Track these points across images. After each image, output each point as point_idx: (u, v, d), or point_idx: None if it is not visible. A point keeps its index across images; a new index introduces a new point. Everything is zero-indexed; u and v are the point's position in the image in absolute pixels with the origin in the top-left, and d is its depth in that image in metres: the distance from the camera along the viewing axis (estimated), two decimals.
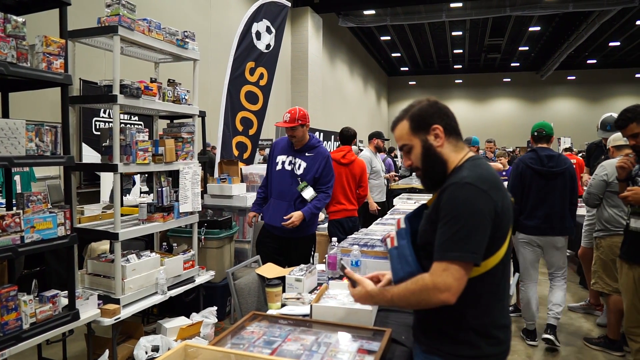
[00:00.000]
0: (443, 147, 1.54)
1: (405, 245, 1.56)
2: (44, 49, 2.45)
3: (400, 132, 1.61)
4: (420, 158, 1.57)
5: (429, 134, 1.55)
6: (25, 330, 2.42)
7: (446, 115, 1.56)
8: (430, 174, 1.58)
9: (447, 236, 1.39)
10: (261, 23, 5.58)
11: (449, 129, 1.56)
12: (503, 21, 18.23)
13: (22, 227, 2.35)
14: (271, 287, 2.34)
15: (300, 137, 3.50)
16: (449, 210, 1.40)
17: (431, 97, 1.61)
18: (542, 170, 3.71)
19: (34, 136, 2.41)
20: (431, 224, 1.48)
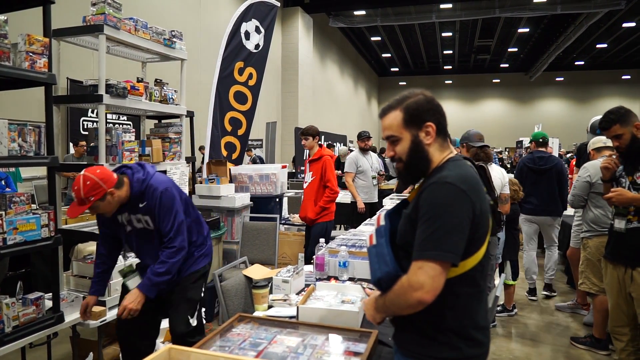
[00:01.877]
0: (431, 145, 1.51)
1: (384, 244, 1.51)
2: (27, 48, 2.41)
3: (391, 122, 1.55)
4: (407, 153, 1.53)
5: (421, 129, 1.50)
6: (8, 334, 2.38)
7: (440, 114, 1.53)
8: (412, 170, 1.55)
9: (425, 235, 1.37)
10: (250, 23, 5.56)
11: (440, 127, 1.53)
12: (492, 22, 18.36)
13: (5, 228, 2.31)
14: (258, 288, 2.33)
15: (110, 209, 2.38)
16: (427, 209, 1.39)
17: (427, 92, 1.55)
18: (534, 167, 4.89)
19: (16, 136, 2.37)
20: (411, 223, 1.45)
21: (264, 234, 4.40)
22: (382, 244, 1.52)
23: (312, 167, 4.59)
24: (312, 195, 4.53)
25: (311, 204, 4.51)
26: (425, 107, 1.51)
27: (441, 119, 1.53)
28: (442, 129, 1.53)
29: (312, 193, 4.54)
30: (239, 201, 4.86)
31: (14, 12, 2.70)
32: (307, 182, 4.63)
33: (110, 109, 3.38)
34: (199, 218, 2.69)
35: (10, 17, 2.53)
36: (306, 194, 4.62)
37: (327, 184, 4.51)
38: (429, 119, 1.50)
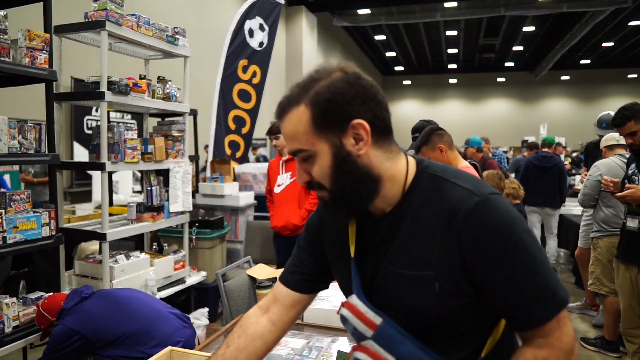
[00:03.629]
0: (369, 155, 0.96)
1: (417, 351, 0.95)
2: (27, 44, 2.37)
3: (295, 127, 0.96)
4: (331, 174, 0.95)
5: (344, 134, 0.94)
6: (8, 334, 2.35)
7: (375, 101, 0.95)
8: (349, 199, 0.97)
9: (527, 285, 0.89)
10: (254, 20, 5.51)
11: (379, 125, 0.96)
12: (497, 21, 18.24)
13: (4, 227, 2.28)
14: (261, 288, 2.27)
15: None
16: (505, 247, 0.89)
17: (349, 66, 0.97)
18: (539, 165, 5.72)
19: (16, 133, 2.33)
20: (452, 285, 0.93)
21: (268, 233, 4.35)
22: (414, 352, 0.95)
23: (290, 167, 3.93)
24: (294, 199, 3.85)
25: (294, 209, 3.82)
26: (347, 93, 0.93)
27: (377, 108, 0.95)
28: (382, 125, 0.97)
29: (294, 196, 3.85)
30: (243, 200, 4.81)
31: (16, 8, 2.66)
32: (284, 185, 3.92)
33: (113, 106, 3.35)
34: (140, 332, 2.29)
35: (11, 13, 2.49)
36: (284, 199, 3.88)
37: None
38: (355, 112, 0.93)
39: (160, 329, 2.33)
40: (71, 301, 2.32)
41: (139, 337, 2.29)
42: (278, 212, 3.88)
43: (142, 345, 2.27)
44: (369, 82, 0.96)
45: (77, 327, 2.21)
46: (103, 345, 2.26)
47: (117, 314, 2.31)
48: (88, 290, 2.39)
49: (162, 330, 2.34)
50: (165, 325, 2.36)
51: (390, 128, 0.99)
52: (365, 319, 0.96)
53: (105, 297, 2.38)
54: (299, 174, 1.00)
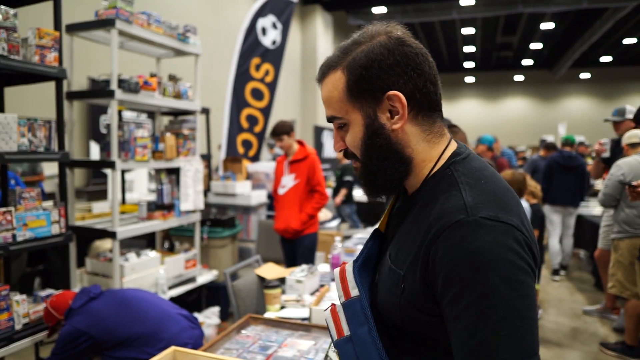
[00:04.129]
0: (404, 131, 0.87)
1: (369, 342, 0.86)
2: (37, 42, 2.37)
3: (330, 92, 0.90)
4: (361, 146, 0.90)
5: (379, 105, 0.86)
6: (18, 331, 2.35)
7: (417, 71, 0.85)
8: (375, 176, 0.91)
9: (467, 334, 0.74)
10: (267, 18, 5.49)
11: (420, 99, 0.86)
12: (515, 18, 17.96)
13: (14, 224, 2.28)
14: (270, 288, 2.24)
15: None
16: (463, 284, 0.74)
17: (396, 28, 0.89)
18: (564, 164, 5.64)
19: (26, 131, 2.34)
20: (413, 292, 0.82)
21: None
22: (367, 341, 0.86)
23: (294, 169, 3.78)
24: (296, 202, 3.73)
25: (295, 212, 3.72)
26: (385, 61, 0.84)
27: (419, 79, 0.85)
28: (424, 99, 0.87)
29: (296, 199, 3.74)
30: (255, 199, 4.79)
31: (28, 7, 2.67)
32: (287, 187, 3.79)
33: (125, 104, 3.35)
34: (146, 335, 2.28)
35: (22, 11, 2.50)
36: (286, 201, 3.78)
37: (316, 187, 3.75)
38: (392, 82, 0.85)
39: (168, 330, 2.32)
40: (79, 301, 2.32)
41: (146, 338, 2.27)
42: (280, 214, 3.81)
43: (150, 346, 2.26)
44: (414, 49, 0.86)
45: (85, 328, 2.20)
46: (111, 347, 2.25)
47: (125, 314, 2.29)
48: (96, 290, 2.38)
49: (170, 332, 2.32)
50: (173, 326, 2.34)
51: (435, 104, 0.89)
52: (345, 285, 0.92)
53: (113, 298, 2.37)
54: (335, 140, 0.95)
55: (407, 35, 0.88)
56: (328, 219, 5.83)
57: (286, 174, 3.82)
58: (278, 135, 3.72)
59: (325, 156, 14.68)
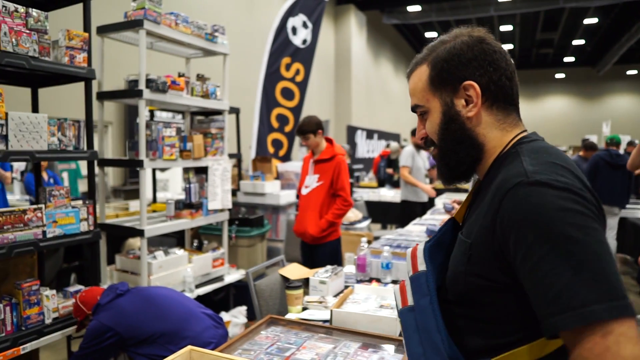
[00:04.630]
0: (479, 119, 0.95)
1: (430, 311, 0.93)
2: (67, 43, 2.43)
3: (415, 83, 1.02)
4: (438, 131, 0.99)
5: (456, 94, 0.96)
6: (48, 325, 2.41)
7: (493, 66, 0.94)
8: (449, 159, 1.00)
9: (549, 281, 0.74)
10: (297, 18, 5.48)
11: (494, 90, 0.94)
12: (556, 14, 17.36)
13: (44, 221, 2.34)
14: (291, 289, 2.21)
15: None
16: (535, 238, 0.76)
17: (478, 31, 0.98)
18: (611, 162, 5.60)
19: (56, 130, 2.39)
20: (483, 262, 0.87)
21: None
22: (427, 310, 0.94)
23: (319, 169, 3.50)
24: (317, 206, 3.45)
25: (314, 217, 3.43)
26: (464, 55, 0.94)
27: (495, 73, 0.94)
28: (499, 92, 0.95)
29: (318, 203, 3.45)
30: (284, 198, 4.79)
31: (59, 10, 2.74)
32: (310, 188, 3.52)
33: (154, 104, 3.40)
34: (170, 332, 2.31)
35: (54, 14, 2.57)
36: (307, 203, 3.51)
37: (339, 192, 3.43)
38: (469, 74, 0.94)
39: (192, 329, 2.33)
40: (106, 297, 2.36)
41: (170, 336, 2.29)
42: (300, 216, 3.56)
43: (174, 344, 2.27)
44: (492, 47, 0.96)
45: (111, 324, 2.24)
46: (136, 343, 2.28)
47: (149, 312, 2.32)
48: (123, 287, 2.42)
49: (193, 330, 2.33)
50: (196, 325, 2.35)
51: (511, 97, 0.97)
52: (415, 261, 1.01)
53: (139, 295, 2.40)
54: (418, 129, 1.06)
55: (488, 36, 0.98)
56: (358, 219, 5.77)
57: (310, 173, 3.56)
58: (303, 133, 3.47)
59: (359, 156, 14.59)
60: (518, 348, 0.85)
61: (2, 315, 2.22)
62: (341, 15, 15.68)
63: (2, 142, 2.15)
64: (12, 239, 2.20)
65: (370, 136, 15.59)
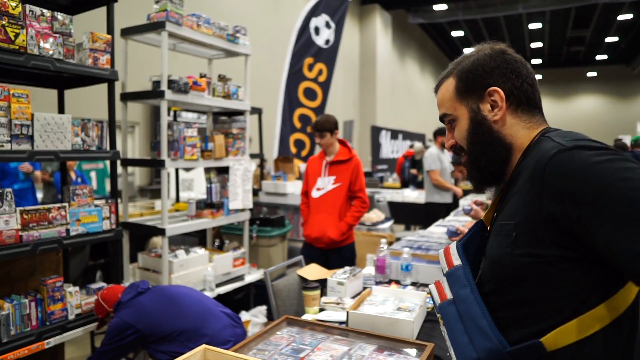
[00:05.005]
0: (504, 122, 1.02)
1: (473, 300, 0.96)
2: (90, 45, 2.48)
3: (443, 94, 1.10)
4: (467, 137, 1.06)
5: (482, 100, 1.03)
6: (71, 321, 2.46)
7: (515, 73, 1.02)
8: (479, 161, 1.05)
9: (630, 218, 0.77)
10: (320, 18, 5.47)
11: (518, 95, 1.02)
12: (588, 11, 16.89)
13: (68, 219, 2.39)
14: (308, 290, 2.20)
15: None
16: (596, 198, 0.80)
17: (499, 45, 1.07)
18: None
19: (79, 131, 2.45)
20: (530, 238, 0.89)
21: None
22: (469, 299, 0.97)
23: (335, 170, 3.42)
24: (336, 208, 3.36)
25: (334, 220, 3.35)
26: (487, 65, 1.03)
27: (517, 80, 1.02)
28: (522, 97, 1.02)
29: (336, 205, 3.37)
30: None
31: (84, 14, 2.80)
32: (324, 190, 3.42)
33: (177, 104, 3.44)
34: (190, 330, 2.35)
35: (80, 18, 2.62)
36: (322, 206, 3.40)
37: (357, 193, 3.40)
38: (493, 81, 1.02)
39: (210, 327, 2.35)
40: (128, 295, 2.40)
41: (189, 334, 2.32)
42: (314, 220, 3.41)
43: (193, 342, 2.30)
44: (513, 57, 1.04)
45: (132, 321, 2.28)
46: (156, 340, 2.31)
47: (169, 310, 2.35)
48: (144, 285, 2.46)
49: (212, 328, 2.35)
50: (215, 323, 2.37)
51: (533, 101, 1.04)
52: (449, 258, 1.06)
53: (159, 293, 2.43)
54: (447, 138, 1.13)
55: (509, 49, 1.06)
56: (380, 220, 5.73)
57: (324, 175, 3.44)
58: (321, 130, 3.36)
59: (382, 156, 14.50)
60: (567, 323, 0.87)
61: (28, 310, 2.28)
62: (366, 15, 15.62)
63: (28, 142, 2.21)
64: (37, 236, 2.25)
65: (394, 136, 15.47)
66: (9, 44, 2.10)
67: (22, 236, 2.19)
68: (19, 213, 2.18)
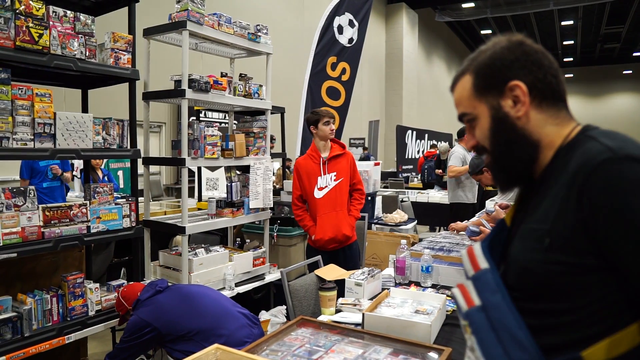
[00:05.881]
0: (528, 118, 0.94)
1: (505, 307, 0.89)
2: (112, 45, 2.51)
3: (460, 93, 1.02)
4: (489, 135, 0.98)
5: (503, 96, 0.95)
6: (91, 317, 2.50)
7: (536, 65, 0.94)
8: (503, 162, 0.99)
9: None
10: (343, 17, 5.43)
11: (541, 88, 0.94)
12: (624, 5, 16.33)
13: (89, 217, 2.43)
14: (325, 290, 2.18)
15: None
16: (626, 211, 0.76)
17: (517, 36, 0.98)
18: None
19: (100, 129, 2.48)
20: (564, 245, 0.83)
21: None
22: (501, 307, 0.89)
23: (333, 166, 3.36)
24: (343, 203, 3.32)
25: (345, 216, 3.31)
26: (506, 58, 0.95)
27: (539, 72, 0.94)
28: (546, 90, 0.94)
29: (343, 200, 3.33)
30: None
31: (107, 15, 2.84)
32: (328, 188, 3.33)
33: (199, 104, 3.46)
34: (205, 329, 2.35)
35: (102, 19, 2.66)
36: (330, 204, 3.31)
37: (357, 186, 3.43)
38: (513, 75, 0.94)
39: (227, 327, 2.35)
40: (146, 293, 2.42)
41: (206, 333, 2.32)
42: (324, 220, 3.29)
43: (209, 342, 2.29)
44: (533, 47, 0.96)
45: (150, 319, 2.29)
46: (173, 339, 2.32)
47: (187, 309, 2.36)
48: (163, 284, 2.47)
49: (228, 328, 2.35)
50: (232, 323, 2.37)
51: (558, 93, 0.96)
52: (474, 260, 0.97)
53: (178, 292, 2.44)
54: (468, 138, 1.05)
55: (527, 39, 0.98)
56: (404, 221, 5.66)
57: (323, 173, 3.34)
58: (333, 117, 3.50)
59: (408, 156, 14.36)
60: (617, 334, 0.81)
61: (49, 306, 2.32)
62: (392, 14, 15.49)
63: (51, 140, 2.25)
64: (59, 233, 2.29)
65: (420, 136, 15.31)
66: (33, 44, 2.14)
67: (44, 233, 2.23)
68: (41, 210, 2.22)
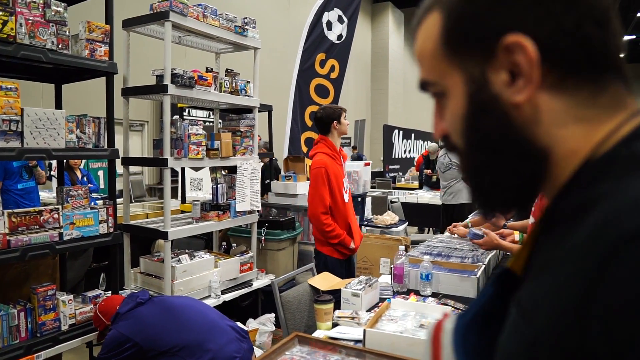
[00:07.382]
0: (536, 106, 0.48)
1: None
2: (87, 35, 2.31)
3: (420, 45, 0.57)
4: (462, 128, 0.54)
5: (490, 61, 0.49)
6: (64, 332, 2.29)
7: (562, 2, 0.46)
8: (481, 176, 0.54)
9: None
10: (332, 12, 5.27)
11: (566, 49, 0.47)
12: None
13: (61, 223, 2.22)
14: (320, 303, 2.00)
15: None
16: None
17: None
18: None
19: (74, 127, 2.27)
20: None
21: None
22: None
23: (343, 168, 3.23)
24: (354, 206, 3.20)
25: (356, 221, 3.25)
26: None
27: (568, 16, 0.46)
28: (577, 50, 0.47)
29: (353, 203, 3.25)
30: None
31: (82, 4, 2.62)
32: (348, 190, 3.21)
33: (181, 100, 3.26)
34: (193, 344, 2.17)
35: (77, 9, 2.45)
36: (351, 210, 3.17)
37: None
38: (512, 22, 0.47)
39: (215, 341, 2.16)
40: (126, 306, 2.22)
41: (192, 348, 2.13)
42: (356, 226, 3.14)
43: (195, 358, 2.11)
44: None
45: (130, 334, 2.10)
46: (156, 355, 2.13)
47: (170, 323, 2.17)
48: (144, 296, 2.28)
49: (216, 343, 2.17)
50: (220, 337, 2.19)
51: (603, 59, 0.48)
52: (437, 354, 0.61)
53: (160, 305, 2.25)
54: (435, 120, 0.60)
55: None
56: (395, 222, 5.52)
57: (344, 175, 3.14)
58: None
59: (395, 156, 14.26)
60: None
61: (17, 321, 2.11)
62: (378, 13, 15.40)
63: (17, 139, 2.04)
64: (27, 241, 2.08)
65: (407, 136, 15.22)
66: None
67: (9, 241, 2.02)
68: (7, 216, 2.01)
